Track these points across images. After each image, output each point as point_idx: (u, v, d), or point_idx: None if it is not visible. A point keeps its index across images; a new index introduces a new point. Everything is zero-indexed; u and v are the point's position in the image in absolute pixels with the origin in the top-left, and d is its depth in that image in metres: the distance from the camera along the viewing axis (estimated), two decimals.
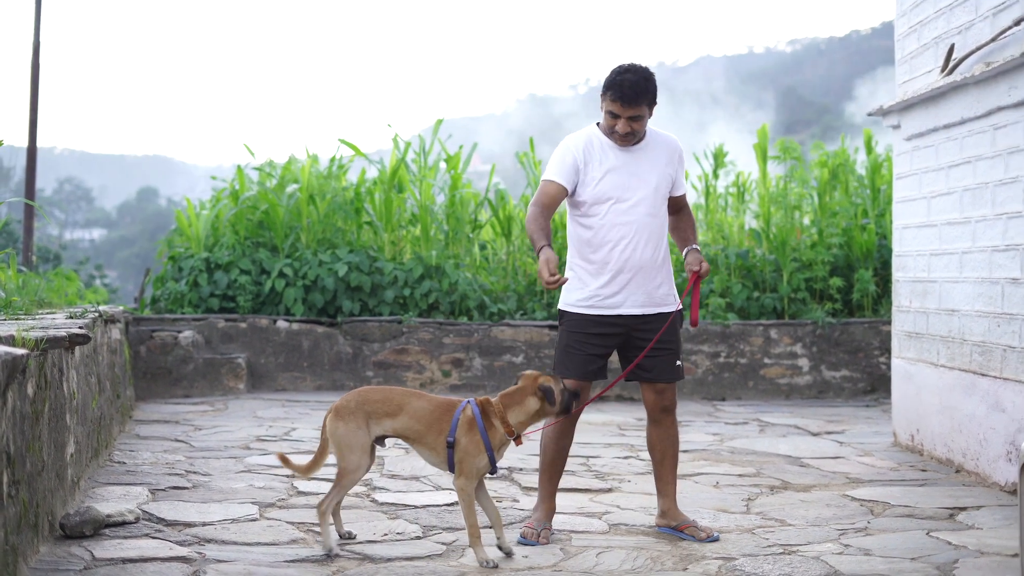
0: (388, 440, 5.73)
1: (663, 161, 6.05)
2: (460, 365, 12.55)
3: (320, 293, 12.79)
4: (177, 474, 7.46)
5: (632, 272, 5.97)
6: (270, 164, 14.60)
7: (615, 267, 5.97)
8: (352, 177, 14.74)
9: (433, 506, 6.67)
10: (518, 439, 5.58)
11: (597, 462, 8.31)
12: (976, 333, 7.86)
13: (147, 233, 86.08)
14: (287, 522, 6.13)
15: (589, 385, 6.13)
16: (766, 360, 12.75)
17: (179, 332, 12.24)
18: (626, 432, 9.85)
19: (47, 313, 7.74)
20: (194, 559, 5.31)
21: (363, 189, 13.94)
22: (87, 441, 7.10)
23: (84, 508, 5.68)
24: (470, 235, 13.90)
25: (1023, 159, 7.31)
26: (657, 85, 5.92)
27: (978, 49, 7.84)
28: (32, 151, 20.07)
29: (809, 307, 13.14)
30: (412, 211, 13.99)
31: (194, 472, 7.56)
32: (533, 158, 14.32)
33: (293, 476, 7.47)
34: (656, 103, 5.92)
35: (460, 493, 5.48)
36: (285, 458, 5.67)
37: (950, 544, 5.85)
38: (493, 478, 7.52)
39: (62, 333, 5.73)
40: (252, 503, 6.59)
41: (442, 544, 5.73)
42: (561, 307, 6.17)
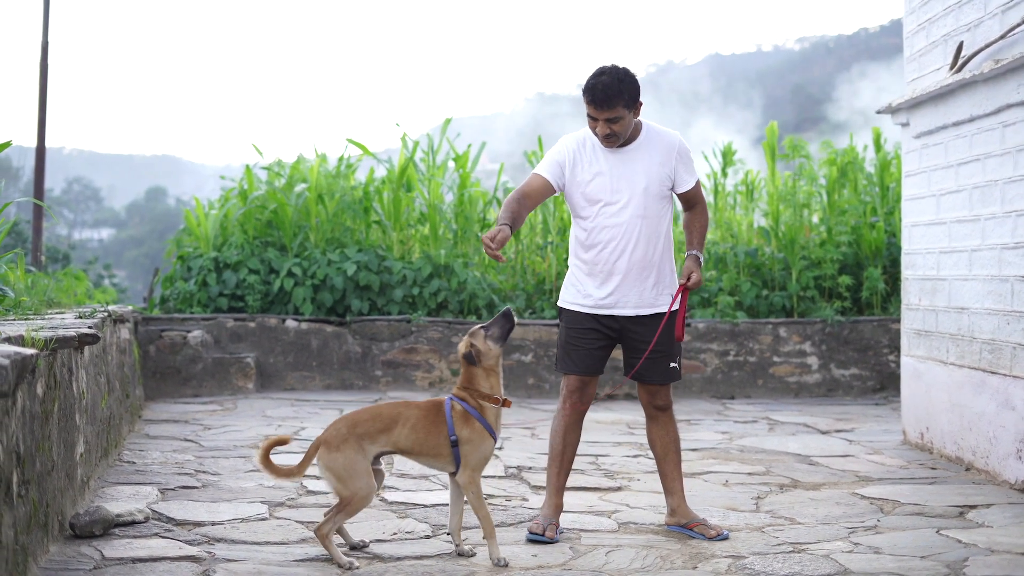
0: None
1: (658, 160, 6.02)
2: None
3: (329, 292, 12.80)
4: (187, 473, 7.47)
5: (622, 274, 5.99)
6: (279, 163, 14.60)
7: (605, 268, 6.01)
8: (361, 176, 14.73)
9: (443, 505, 6.66)
10: (506, 402, 5.63)
11: (606, 460, 8.30)
12: (986, 331, 7.84)
13: (156, 233, 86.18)
14: (296, 521, 6.14)
15: (595, 380, 6.14)
16: (775, 358, 12.74)
17: (188, 332, 12.25)
18: (635, 430, 9.84)
19: (56, 313, 7.75)
20: (204, 558, 5.31)
21: (372, 188, 13.94)
22: (96, 441, 7.11)
23: (94, 508, 5.68)
24: (479, 234, 13.89)
25: None
26: (638, 85, 5.88)
27: (987, 46, 7.83)
28: (41, 151, 20.09)
29: (818, 305, 13.13)
30: (421, 210, 13.99)
31: (203, 471, 7.56)
32: (541, 156, 14.30)
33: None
34: (638, 102, 5.88)
35: (470, 487, 5.47)
36: (268, 461, 5.44)
37: (960, 542, 5.84)
38: (487, 476, 7.52)
39: (71, 333, 5.74)
40: (262, 502, 6.59)
41: (452, 543, 5.73)
42: (560, 304, 6.23)
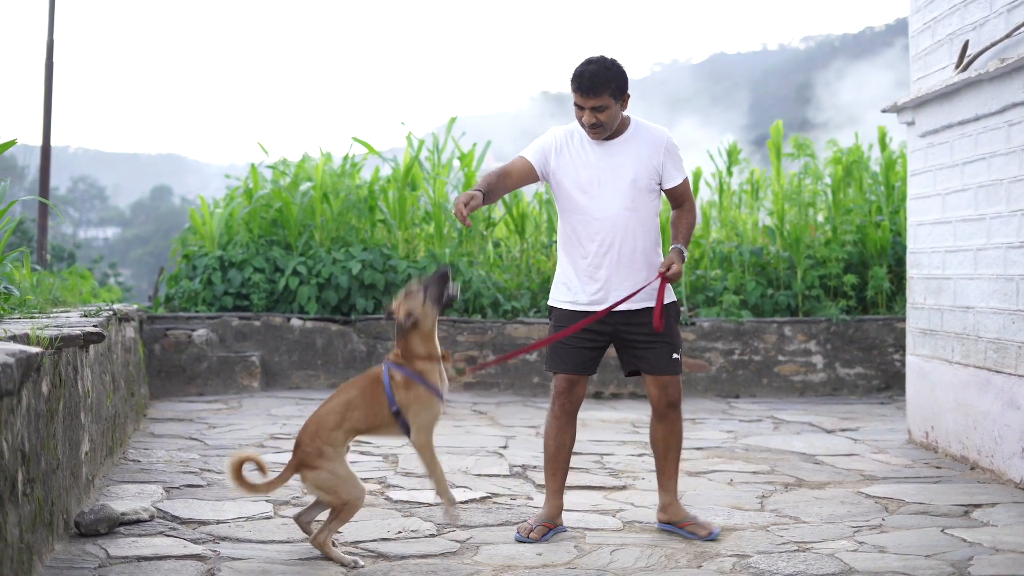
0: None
1: (645, 153, 5.99)
2: (474, 363, 12.55)
3: (334, 291, 12.80)
4: (191, 472, 7.47)
5: (610, 268, 5.95)
6: (284, 162, 14.61)
7: (594, 263, 5.97)
8: (366, 175, 14.74)
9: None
10: (445, 355, 5.58)
11: (611, 459, 8.30)
12: (991, 330, 7.83)
13: (161, 231, 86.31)
14: None
15: (585, 380, 6.07)
16: (780, 357, 12.73)
17: (193, 330, 12.26)
18: (639, 429, 9.84)
19: (61, 312, 7.76)
20: (208, 557, 5.32)
21: (377, 187, 13.95)
22: (102, 439, 7.11)
23: (99, 506, 5.69)
24: (484, 233, 13.89)
25: None
26: (626, 76, 5.88)
27: (993, 45, 7.82)
28: (46, 150, 20.12)
29: (823, 304, 13.12)
30: (426, 209, 13.99)
31: (208, 470, 7.57)
32: None
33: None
34: (625, 93, 5.87)
35: (423, 449, 5.48)
36: (240, 478, 5.37)
37: (965, 541, 5.83)
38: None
39: (76, 332, 5.74)
40: (266, 501, 6.58)
41: (456, 542, 5.73)
42: (550, 303, 6.20)
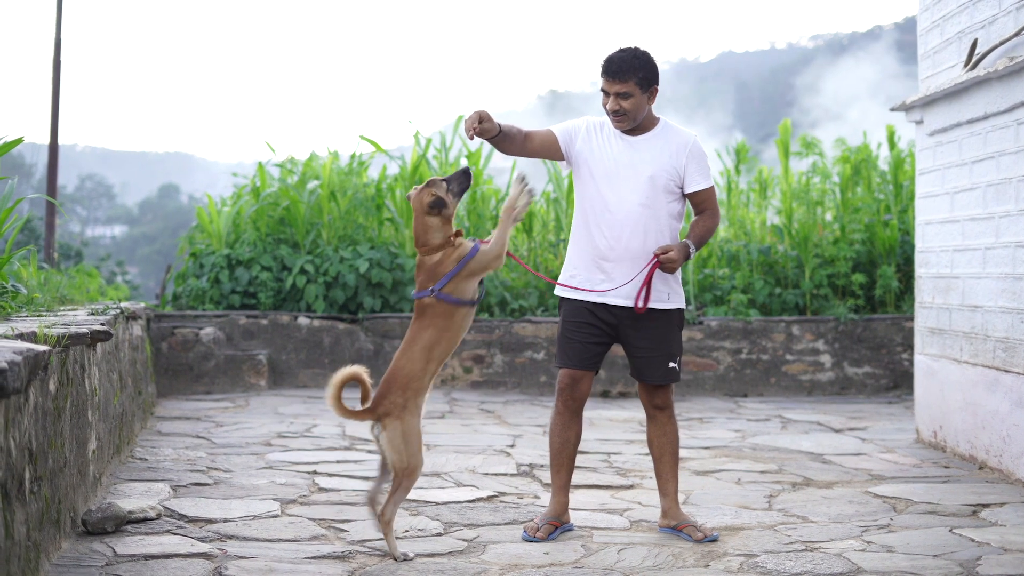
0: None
1: (668, 153, 5.98)
2: (481, 361, 12.55)
3: (341, 289, 12.80)
4: (199, 471, 7.47)
5: (617, 262, 5.93)
6: (291, 161, 14.61)
7: (601, 254, 5.96)
8: (373, 173, 14.74)
9: (454, 503, 6.67)
10: (459, 232, 5.66)
11: (618, 459, 8.30)
12: (999, 329, 7.82)
13: (168, 230, 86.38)
14: (308, 518, 6.14)
15: (589, 376, 6.05)
16: (788, 356, 12.72)
17: (200, 329, 12.27)
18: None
19: (69, 310, 7.76)
20: (215, 555, 5.31)
21: (384, 185, 13.95)
22: (109, 438, 7.12)
23: (106, 504, 5.69)
24: (491, 231, 13.88)
25: None
26: (657, 68, 5.90)
27: (1002, 44, 7.80)
28: (54, 148, 20.13)
29: (831, 303, 13.10)
30: None
31: (216, 469, 7.57)
32: None
33: (315, 473, 7.48)
34: (653, 85, 5.88)
35: (499, 244, 5.64)
36: (339, 396, 5.39)
37: (973, 541, 5.82)
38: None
39: (84, 330, 5.74)
40: (273, 499, 6.59)
41: (463, 541, 5.73)
42: (557, 292, 6.17)
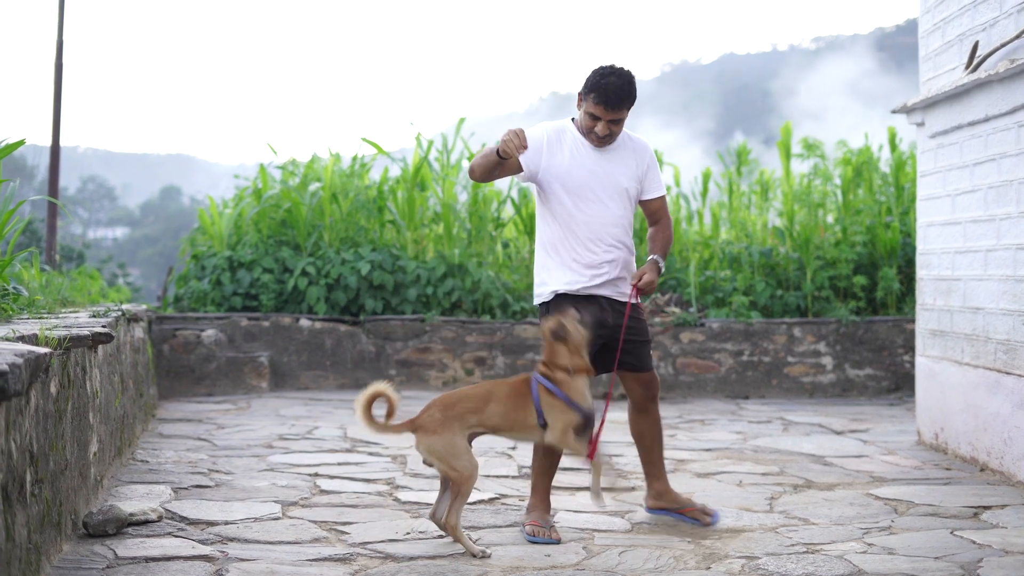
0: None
1: (634, 163, 6.14)
2: (483, 363, 12.54)
3: (343, 291, 12.81)
4: (200, 473, 7.47)
5: (596, 269, 6.05)
6: (293, 163, 14.62)
7: (582, 262, 6.04)
8: (375, 176, 14.75)
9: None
10: (589, 370, 5.68)
11: (619, 461, 8.30)
12: (1001, 331, 7.82)
13: (170, 232, 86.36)
14: (310, 521, 6.14)
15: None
16: (789, 358, 12.71)
17: (202, 331, 12.27)
18: None
19: (70, 312, 7.76)
20: (217, 558, 5.31)
21: (386, 188, 13.96)
22: (110, 440, 7.12)
23: (107, 507, 5.69)
24: (493, 233, 13.89)
25: None
26: (636, 87, 6.01)
27: (1003, 46, 7.80)
28: (55, 150, 20.12)
29: (833, 305, 13.10)
30: (435, 209, 13.99)
31: (217, 471, 7.57)
32: None
33: (316, 475, 7.48)
34: (633, 105, 6.00)
35: (561, 444, 5.64)
36: (368, 411, 5.43)
37: (974, 543, 5.82)
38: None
39: (85, 332, 5.74)
40: (275, 502, 6.59)
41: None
42: (539, 301, 6.22)
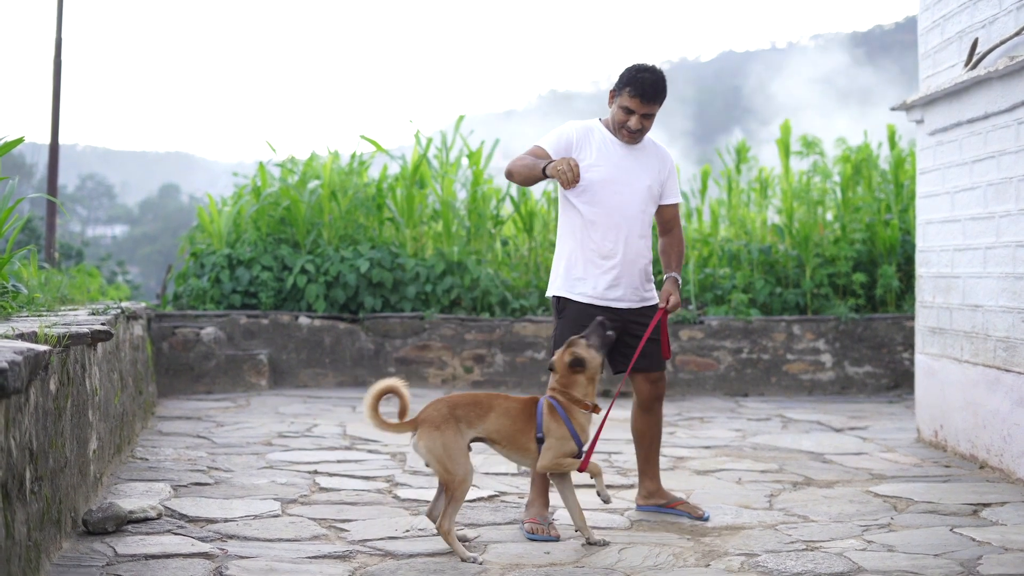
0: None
1: (656, 166, 6.29)
2: (482, 361, 12.54)
3: (342, 289, 12.80)
4: (199, 470, 7.47)
5: (619, 263, 6.16)
6: (291, 160, 14.61)
7: (604, 253, 6.15)
8: (374, 173, 14.74)
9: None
10: (595, 408, 5.72)
11: (619, 458, 8.30)
12: (1000, 329, 7.82)
13: (169, 229, 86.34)
14: (309, 518, 6.14)
15: None
16: (789, 356, 12.71)
17: (201, 328, 12.27)
18: None
19: (69, 310, 7.76)
20: (216, 555, 5.31)
21: (385, 185, 13.95)
22: (109, 437, 7.12)
23: (106, 504, 5.69)
24: (492, 231, 13.88)
25: None
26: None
27: (1002, 43, 7.80)
28: (54, 148, 20.11)
29: (832, 303, 13.10)
30: (434, 207, 13.98)
31: (216, 468, 7.57)
32: None
33: (315, 473, 7.48)
34: (662, 105, 6.19)
35: (544, 468, 5.67)
36: (376, 409, 5.42)
37: (974, 540, 5.82)
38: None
39: (84, 330, 5.75)
40: (274, 499, 6.59)
41: (464, 540, 5.72)
42: (559, 294, 6.26)
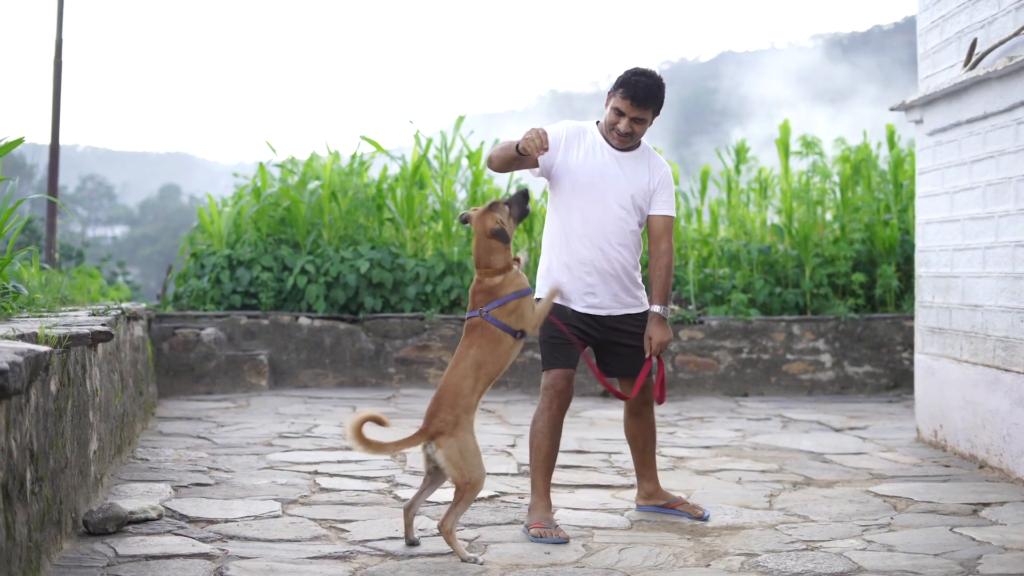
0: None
1: (646, 177, 6.19)
2: None
3: (342, 290, 12.81)
4: (200, 471, 7.48)
5: (599, 273, 6.11)
6: (292, 161, 14.62)
7: (585, 262, 6.10)
8: (374, 174, 14.75)
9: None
10: (517, 260, 5.75)
11: (619, 458, 8.30)
12: (999, 328, 7.82)
13: (169, 230, 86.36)
14: (309, 519, 6.14)
15: (573, 372, 6.16)
16: (788, 356, 12.72)
17: (201, 329, 12.27)
18: None
19: (70, 310, 7.77)
20: (217, 556, 5.32)
21: (385, 186, 13.96)
22: (110, 438, 7.12)
23: (107, 505, 5.70)
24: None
25: None
26: (665, 97, 6.10)
27: (1001, 43, 7.81)
28: (55, 148, 20.12)
29: (832, 302, 13.11)
30: (434, 207, 13.99)
31: (217, 469, 7.57)
32: None
33: (316, 473, 7.49)
34: (659, 114, 6.11)
35: (539, 323, 5.75)
36: (360, 435, 5.32)
37: (974, 540, 5.83)
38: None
39: (85, 330, 5.75)
40: (274, 500, 6.60)
41: (464, 540, 5.73)
42: (538, 296, 6.22)
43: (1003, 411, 7.72)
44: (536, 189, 14.19)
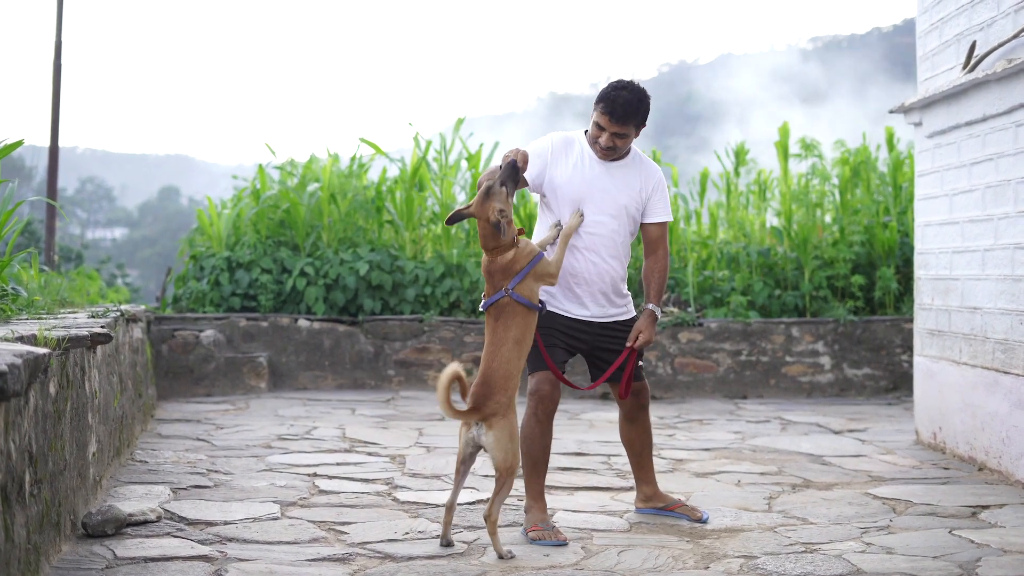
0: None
1: (638, 184, 6.17)
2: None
3: (341, 292, 12.81)
4: (199, 473, 7.48)
5: (586, 284, 6.12)
6: (291, 163, 14.63)
7: (575, 275, 6.10)
8: (373, 176, 14.75)
9: (455, 505, 6.66)
10: (520, 232, 5.71)
11: (618, 461, 8.30)
12: (999, 331, 7.82)
13: (169, 232, 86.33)
14: (308, 521, 6.14)
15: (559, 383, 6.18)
16: (788, 358, 12.72)
17: (201, 331, 12.27)
18: None
19: (69, 312, 7.76)
20: (216, 558, 5.32)
21: (384, 188, 13.97)
22: (109, 440, 7.12)
23: (106, 507, 5.69)
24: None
25: None
26: (649, 110, 6.04)
27: (1000, 46, 7.81)
28: (54, 150, 20.13)
29: (831, 305, 13.11)
30: (433, 210, 14.00)
31: (216, 471, 7.57)
32: None
33: (315, 475, 7.48)
34: (645, 125, 6.06)
35: (557, 268, 5.77)
36: (448, 395, 5.33)
37: (973, 542, 5.83)
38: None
39: (84, 332, 5.75)
40: (274, 502, 6.59)
41: (463, 543, 5.73)
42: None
43: (1002, 413, 7.72)
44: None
